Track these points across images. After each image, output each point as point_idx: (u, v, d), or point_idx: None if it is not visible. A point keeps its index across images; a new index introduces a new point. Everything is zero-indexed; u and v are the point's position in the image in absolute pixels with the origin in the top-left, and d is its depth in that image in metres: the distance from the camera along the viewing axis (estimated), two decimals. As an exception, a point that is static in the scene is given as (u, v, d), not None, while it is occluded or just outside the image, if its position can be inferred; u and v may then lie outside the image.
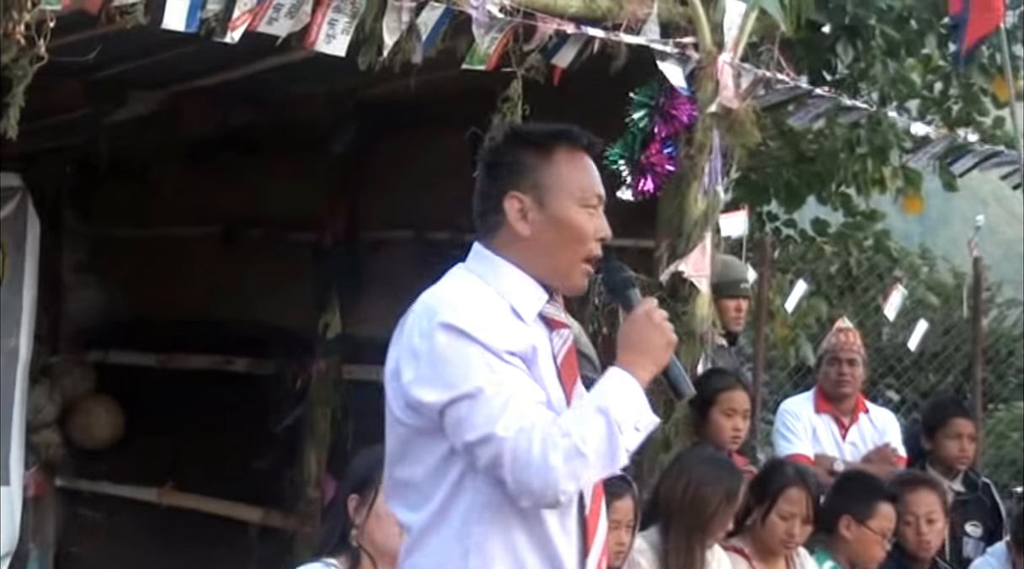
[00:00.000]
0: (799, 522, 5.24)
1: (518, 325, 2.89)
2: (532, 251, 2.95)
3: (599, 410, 2.79)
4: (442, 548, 2.87)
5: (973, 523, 6.45)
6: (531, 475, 2.74)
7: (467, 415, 2.78)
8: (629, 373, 2.85)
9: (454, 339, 2.81)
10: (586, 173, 3.00)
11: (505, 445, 2.74)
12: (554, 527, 2.87)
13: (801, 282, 9.19)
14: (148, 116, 7.27)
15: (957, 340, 11.41)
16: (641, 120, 6.03)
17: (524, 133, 3.05)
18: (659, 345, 2.90)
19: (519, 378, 2.82)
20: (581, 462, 2.75)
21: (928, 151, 7.66)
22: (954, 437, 6.50)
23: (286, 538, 7.78)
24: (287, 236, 8.16)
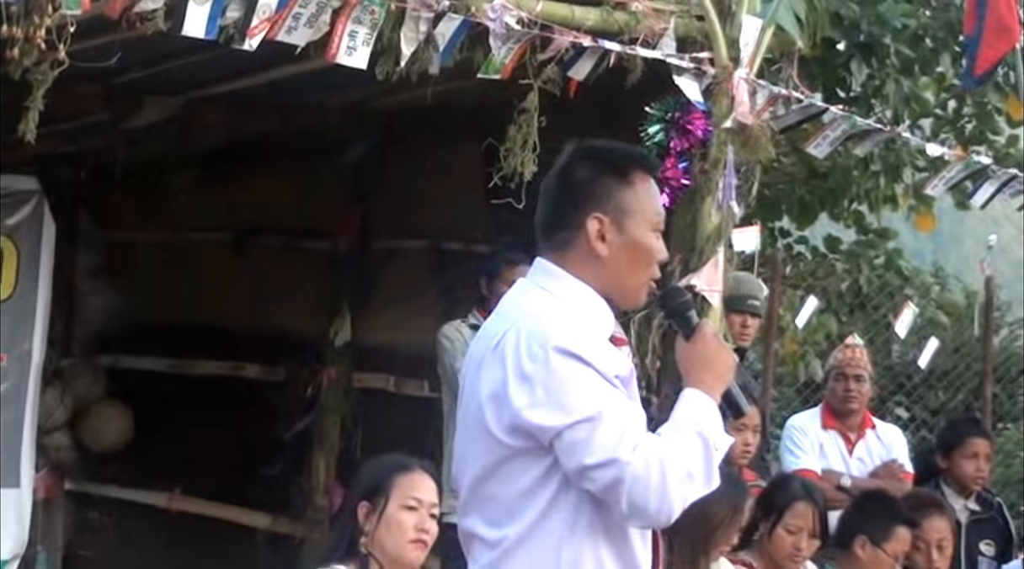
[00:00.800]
0: (806, 536, 5.25)
1: (611, 347, 2.99)
2: (605, 271, 3.03)
3: (699, 434, 2.89)
4: (534, 564, 2.93)
5: (987, 542, 6.47)
6: (649, 498, 2.83)
7: (586, 439, 2.85)
8: (706, 394, 2.95)
9: (569, 363, 2.88)
10: (656, 198, 3.11)
11: (627, 469, 2.82)
12: (637, 545, 2.98)
13: (812, 298, 9.19)
14: (164, 122, 7.29)
15: (967, 359, 11.42)
16: (656, 134, 6.03)
17: (603, 155, 3.11)
18: (726, 366, 3.01)
19: (627, 402, 2.92)
20: (691, 485, 2.87)
21: (945, 177, 7.64)
22: (971, 457, 6.51)
23: (294, 545, 7.79)
24: (300, 244, 8.19)
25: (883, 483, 6.43)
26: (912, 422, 11.16)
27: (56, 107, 4.74)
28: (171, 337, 8.62)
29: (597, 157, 3.09)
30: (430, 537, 3.87)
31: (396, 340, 7.53)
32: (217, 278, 8.46)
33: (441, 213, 7.43)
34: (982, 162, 7.69)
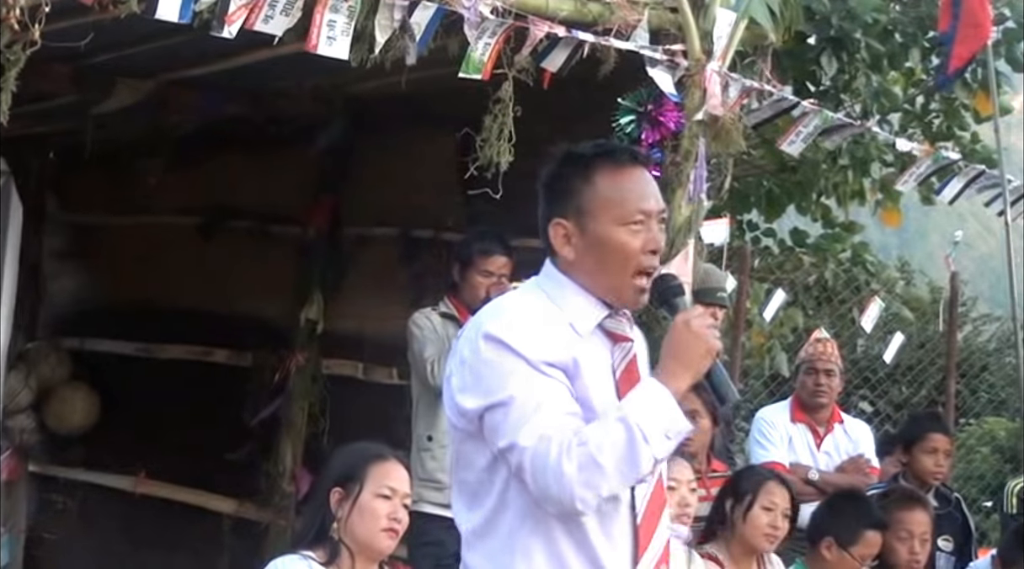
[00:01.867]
0: (780, 515, 5.28)
1: (568, 338, 2.95)
2: (583, 273, 3.01)
3: (620, 419, 2.82)
4: (493, 551, 2.94)
5: (945, 538, 6.48)
6: (548, 482, 2.80)
7: (499, 423, 2.87)
8: (662, 382, 2.89)
9: (493, 349, 2.89)
10: (628, 190, 3.02)
11: (526, 454, 2.82)
12: (595, 533, 2.92)
13: (780, 291, 9.22)
14: (135, 105, 7.26)
15: (932, 354, 11.48)
16: (628, 125, 6.04)
17: (572, 154, 3.08)
18: (696, 353, 2.91)
19: (553, 389, 2.88)
20: (597, 470, 2.79)
21: (914, 173, 7.68)
22: (930, 452, 6.52)
23: (259, 530, 7.78)
24: (271, 229, 8.16)
25: (850, 478, 6.47)
26: (876, 416, 11.22)
27: (25, 89, 4.72)
28: (138, 321, 8.59)
29: (565, 157, 3.07)
30: (402, 526, 3.87)
31: (365, 327, 7.53)
32: (186, 263, 8.43)
33: (412, 200, 7.42)
34: (950, 158, 7.73)
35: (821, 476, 6.53)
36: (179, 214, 8.55)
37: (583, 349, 2.96)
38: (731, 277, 7.92)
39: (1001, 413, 13.44)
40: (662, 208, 3.07)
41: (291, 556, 3.83)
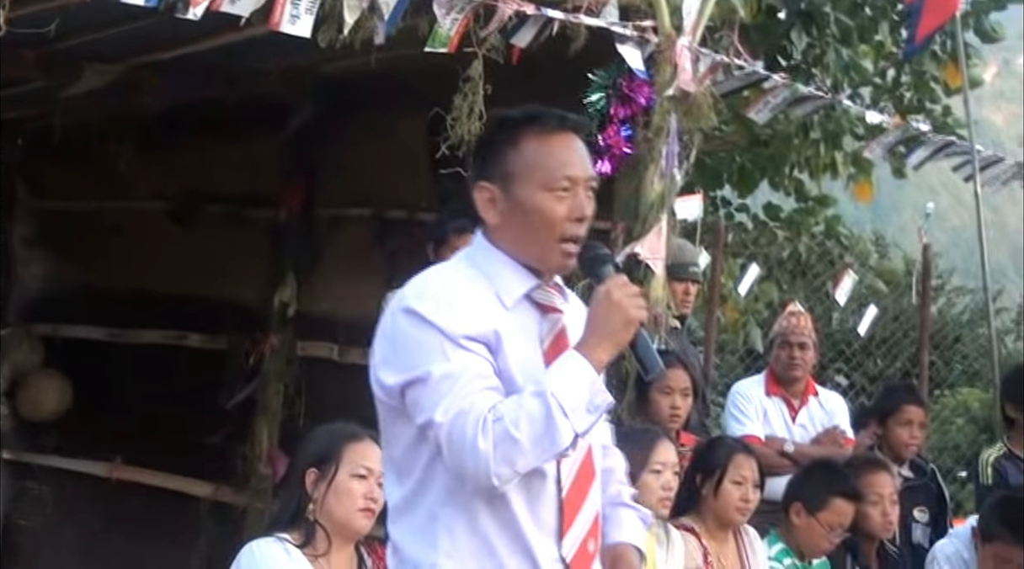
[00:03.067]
0: (751, 487, 5.30)
1: (492, 310, 2.91)
2: (508, 238, 2.98)
3: (536, 394, 2.78)
4: (416, 525, 2.91)
5: (921, 509, 6.51)
6: (464, 458, 2.77)
7: (418, 398, 2.84)
8: (583, 355, 2.84)
9: (412, 323, 2.86)
10: (554, 156, 2.98)
11: (442, 430, 2.79)
12: (519, 508, 2.88)
13: (754, 266, 9.24)
14: (103, 90, 7.22)
15: (906, 326, 11.53)
16: (599, 102, 6.03)
17: (498, 120, 3.06)
18: (617, 324, 2.87)
19: (472, 364, 2.84)
20: (513, 446, 2.75)
21: (883, 142, 7.71)
22: (905, 424, 6.56)
23: (237, 514, 7.76)
24: (243, 212, 8.13)
25: (825, 450, 6.50)
26: (851, 389, 11.27)
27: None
28: (111, 306, 8.56)
29: (496, 122, 3.06)
30: (378, 506, 3.86)
31: (340, 309, 7.52)
32: (158, 247, 8.40)
33: (385, 181, 7.40)
34: (921, 130, 7.76)
35: (796, 448, 6.55)
36: (151, 199, 8.52)
37: (508, 321, 2.92)
38: (705, 253, 7.95)
39: (975, 384, 13.52)
40: (590, 175, 3.02)
41: (266, 539, 3.82)
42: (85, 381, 8.63)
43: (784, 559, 5.56)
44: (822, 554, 5.64)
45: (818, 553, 5.63)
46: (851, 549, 5.74)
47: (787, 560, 5.56)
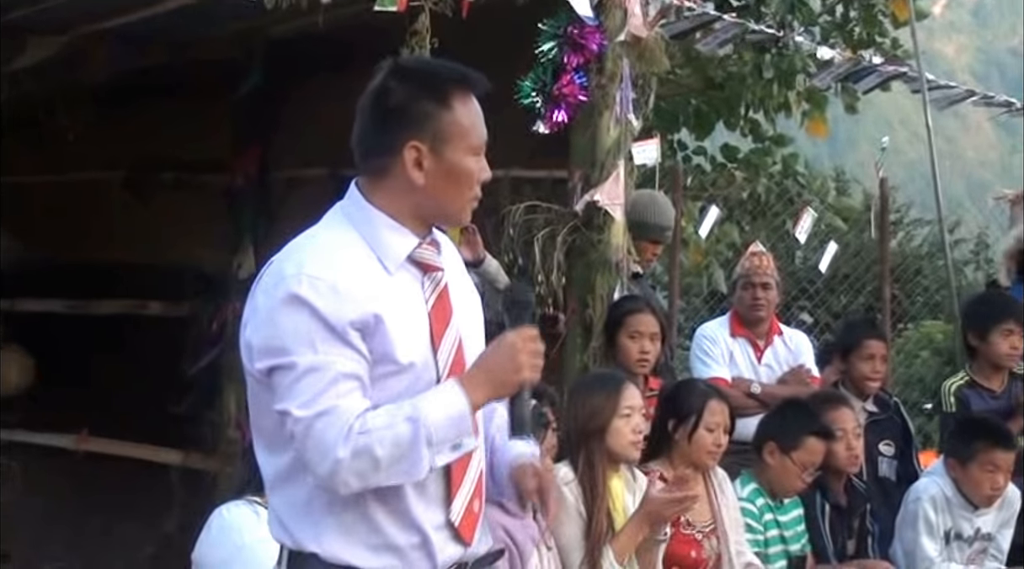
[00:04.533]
0: (723, 431, 5.33)
1: (374, 283, 2.85)
2: (422, 198, 2.93)
3: (409, 419, 2.75)
4: (298, 501, 2.86)
5: (886, 442, 6.54)
6: (317, 460, 2.74)
7: (279, 384, 2.78)
8: (463, 391, 2.81)
9: (289, 306, 2.78)
10: (477, 118, 2.96)
11: (299, 424, 2.74)
12: (409, 489, 2.84)
13: (714, 208, 9.25)
14: (50, 61, 7.15)
15: (867, 261, 11.58)
16: (551, 51, 6.01)
17: (419, 76, 2.97)
18: (506, 374, 2.85)
19: (342, 359, 2.77)
20: (370, 462, 2.73)
21: (832, 71, 7.73)
22: (866, 358, 6.57)
23: (208, 480, 7.76)
24: (198, 178, 8.10)
25: (792, 389, 6.52)
26: (816, 326, 11.32)
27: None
28: (70, 278, 8.51)
29: (414, 79, 2.95)
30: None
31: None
32: (114, 217, 8.36)
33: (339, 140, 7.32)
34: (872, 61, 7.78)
35: (763, 389, 6.57)
36: (104, 169, 8.46)
37: (390, 291, 2.86)
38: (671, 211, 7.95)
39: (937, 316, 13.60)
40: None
41: (237, 501, 3.82)
42: (47, 355, 8.59)
43: (757, 499, 5.58)
44: (794, 493, 5.67)
45: (791, 492, 5.66)
46: (820, 486, 5.78)
47: (759, 500, 5.59)
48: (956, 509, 5.87)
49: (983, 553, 5.90)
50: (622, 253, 6.19)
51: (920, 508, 5.87)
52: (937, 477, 5.96)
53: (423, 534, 2.86)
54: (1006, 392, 6.62)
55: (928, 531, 5.84)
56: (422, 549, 2.86)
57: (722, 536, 5.29)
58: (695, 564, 5.22)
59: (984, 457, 5.81)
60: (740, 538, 5.37)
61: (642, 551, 4.89)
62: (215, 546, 3.79)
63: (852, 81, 8.15)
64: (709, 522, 5.30)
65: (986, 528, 5.90)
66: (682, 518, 5.17)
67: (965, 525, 5.88)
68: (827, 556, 5.75)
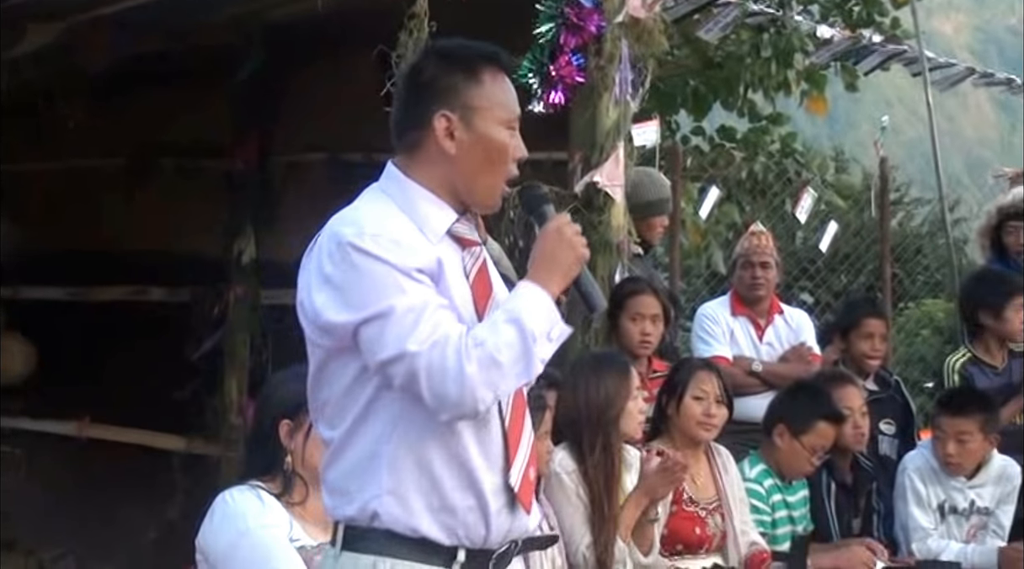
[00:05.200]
0: (713, 402, 5.30)
1: (424, 243, 2.91)
2: (455, 170, 2.97)
3: (511, 320, 2.82)
4: (355, 463, 2.90)
5: (887, 421, 6.55)
6: (448, 386, 2.78)
7: (379, 335, 2.81)
8: (539, 286, 2.89)
9: (362, 260, 2.83)
10: (509, 94, 3.02)
11: (419, 360, 2.78)
12: (470, 443, 2.90)
13: (713, 189, 9.24)
14: (49, 48, 7.14)
15: (867, 240, 11.57)
16: (548, 32, 6.01)
17: (451, 53, 3.03)
18: (568, 260, 2.94)
19: (428, 294, 2.85)
20: (497, 370, 2.79)
21: (832, 50, 7.72)
22: (866, 337, 6.59)
23: (211, 465, 7.78)
24: (198, 164, 8.10)
25: (793, 367, 6.53)
26: (817, 305, 11.32)
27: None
28: (71, 266, 8.52)
29: (445, 54, 3.03)
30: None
31: (301, 254, 7.49)
32: (114, 204, 8.36)
33: (340, 124, 7.36)
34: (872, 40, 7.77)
35: (764, 367, 6.59)
36: (105, 155, 8.45)
37: (438, 254, 2.92)
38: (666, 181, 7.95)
39: (938, 294, 13.60)
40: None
41: (240, 487, 3.81)
42: (49, 342, 8.60)
43: (765, 480, 5.60)
44: (803, 475, 5.68)
45: (799, 475, 5.67)
46: (826, 465, 5.79)
47: (768, 481, 5.60)
48: (945, 479, 5.88)
49: (984, 529, 5.90)
50: (623, 234, 6.20)
51: (906, 478, 5.91)
52: (925, 449, 5.99)
53: (481, 496, 2.89)
54: (1007, 369, 6.64)
55: (917, 501, 5.87)
56: (479, 512, 2.89)
57: (727, 513, 5.30)
58: (699, 541, 5.22)
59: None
60: (745, 517, 5.38)
61: (636, 531, 4.89)
62: (219, 532, 3.78)
63: (852, 62, 8.14)
64: (713, 500, 5.31)
65: (982, 502, 5.90)
66: (684, 495, 5.18)
67: (958, 497, 5.89)
68: (832, 534, 5.76)
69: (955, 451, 5.83)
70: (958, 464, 5.85)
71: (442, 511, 2.88)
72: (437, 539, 2.87)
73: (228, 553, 3.75)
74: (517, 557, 3.04)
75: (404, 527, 2.86)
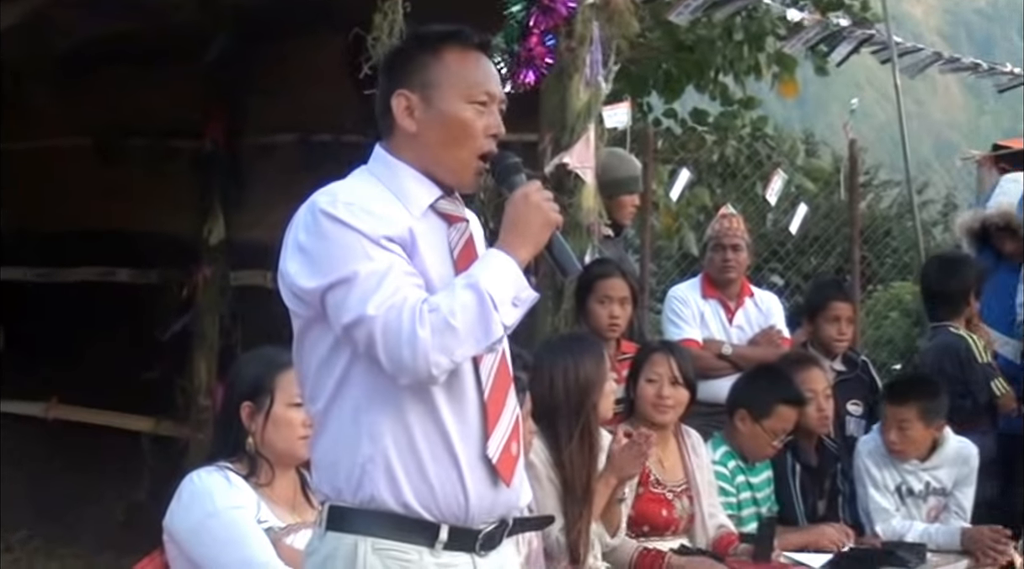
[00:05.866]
0: (667, 383, 5.28)
1: (401, 214, 2.94)
2: (421, 148, 2.99)
3: (468, 285, 2.83)
4: (337, 435, 2.92)
5: (854, 402, 6.56)
6: (401, 349, 2.79)
7: (343, 299, 2.84)
8: (505, 252, 2.90)
9: (331, 226, 2.86)
10: (475, 70, 3.02)
11: (376, 323, 2.80)
12: (446, 411, 2.90)
13: (684, 171, 9.26)
14: (16, 27, 7.08)
15: (837, 223, 11.59)
16: (519, 13, 5.99)
17: (415, 34, 3.07)
18: (536, 224, 2.93)
19: (395, 262, 2.86)
20: (451, 334, 2.79)
21: (803, 37, 7.73)
22: (832, 320, 6.59)
23: (179, 446, 7.76)
24: (167, 144, 8.06)
25: (763, 350, 6.55)
26: (787, 287, 11.35)
27: None
28: (39, 247, 8.47)
29: (411, 36, 3.09)
30: (315, 431, 3.84)
31: (272, 236, 7.45)
32: (83, 184, 8.31)
33: (309, 106, 7.34)
34: (840, 24, 7.78)
35: (735, 350, 6.60)
36: (73, 135, 8.40)
37: (418, 227, 2.95)
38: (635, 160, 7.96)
39: (906, 277, 13.64)
40: (503, 97, 3.06)
41: (207, 468, 3.81)
42: (16, 323, 8.55)
43: (728, 462, 5.60)
44: (766, 458, 5.69)
45: (761, 457, 5.68)
46: (792, 447, 5.80)
47: (731, 463, 5.61)
48: (898, 462, 5.90)
49: (946, 510, 5.92)
50: (593, 216, 6.20)
51: (861, 462, 5.92)
52: (876, 432, 6.01)
53: (458, 467, 2.90)
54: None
55: (874, 484, 5.88)
56: (457, 483, 2.90)
57: (695, 496, 5.30)
58: (666, 523, 5.22)
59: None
60: (713, 500, 5.38)
61: (604, 512, 4.89)
62: (186, 513, 3.78)
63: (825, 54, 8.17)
64: (681, 482, 5.31)
65: (938, 483, 5.91)
66: (652, 477, 5.18)
67: (912, 479, 5.89)
68: (796, 516, 5.78)
69: (897, 438, 5.85)
70: (901, 451, 5.86)
71: (421, 481, 2.88)
72: (418, 512, 2.88)
73: (196, 534, 3.74)
74: (509, 540, 3.04)
75: (389, 497, 2.87)
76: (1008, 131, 17.63)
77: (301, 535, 3.68)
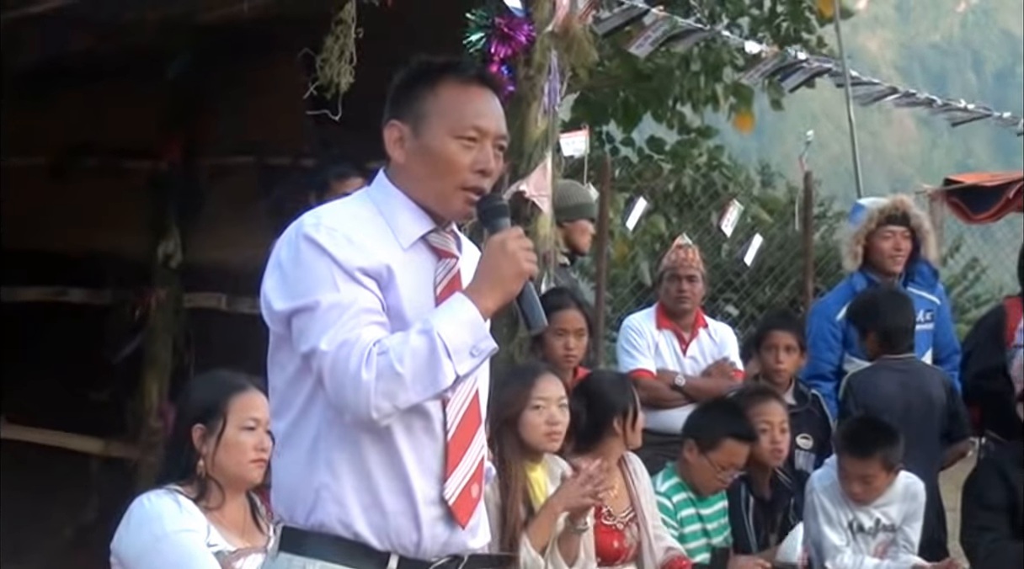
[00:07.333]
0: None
1: (388, 247, 2.93)
2: (410, 179, 3.00)
3: (422, 331, 2.80)
4: (296, 458, 2.92)
5: (804, 435, 6.53)
6: (345, 389, 2.79)
7: (305, 327, 2.85)
8: (470, 299, 2.86)
9: (306, 251, 2.87)
10: (467, 105, 3.00)
11: (326, 358, 2.80)
12: (404, 448, 2.89)
13: (640, 200, 9.29)
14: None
15: (791, 254, 11.66)
16: (479, 42, 6.01)
17: (418, 65, 3.06)
18: (509, 274, 2.89)
19: (362, 296, 2.85)
20: (395, 380, 2.77)
21: (760, 69, 7.80)
22: (770, 348, 6.52)
23: (129, 468, 7.70)
24: (122, 164, 8.01)
25: (715, 382, 6.56)
26: (741, 318, 11.40)
27: None
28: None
29: (413, 67, 3.05)
30: (267, 454, 3.84)
31: (227, 258, 7.45)
32: (36, 203, 8.24)
33: (266, 128, 7.32)
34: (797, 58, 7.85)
35: (688, 381, 6.61)
36: (27, 154, 8.34)
37: (403, 260, 2.94)
38: (592, 188, 7.99)
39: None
40: (502, 133, 3.03)
41: (157, 491, 3.80)
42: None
43: (675, 494, 5.61)
44: (715, 491, 5.70)
45: (710, 490, 5.69)
46: (745, 480, 5.81)
47: (678, 495, 5.62)
48: (850, 500, 5.89)
49: (893, 545, 5.93)
50: (549, 244, 6.21)
51: (815, 498, 5.88)
52: (831, 467, 5.99)
53: (413, 504, 2.89)
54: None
55: (828, 521, 5.84)
56: (411, 518, 2.89)
57: (641, 522, 5.31)
58: (617, 554, 5.24)
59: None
60: (657, 522, 5.40)
61: (562, 542, 4.89)
62: (134, 536, 3.76)
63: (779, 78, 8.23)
64: (628, 511, 5.32)
65: (887, 519, 5.90)
66: (604, 509, 5.19)
67: (863, 517, 5.87)
68: (750, 548, 5.79)
69: (860, 490, 5.82)
70: (863, 500, 5.86)
71: (374, 511, 2.88)
72: (368, 541, 2.87)
73: (144, 558, 3.73)
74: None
75: (339, 525, 2.87)
76: (960, 164, 17.79)
77: (251, 560, 3.68)
